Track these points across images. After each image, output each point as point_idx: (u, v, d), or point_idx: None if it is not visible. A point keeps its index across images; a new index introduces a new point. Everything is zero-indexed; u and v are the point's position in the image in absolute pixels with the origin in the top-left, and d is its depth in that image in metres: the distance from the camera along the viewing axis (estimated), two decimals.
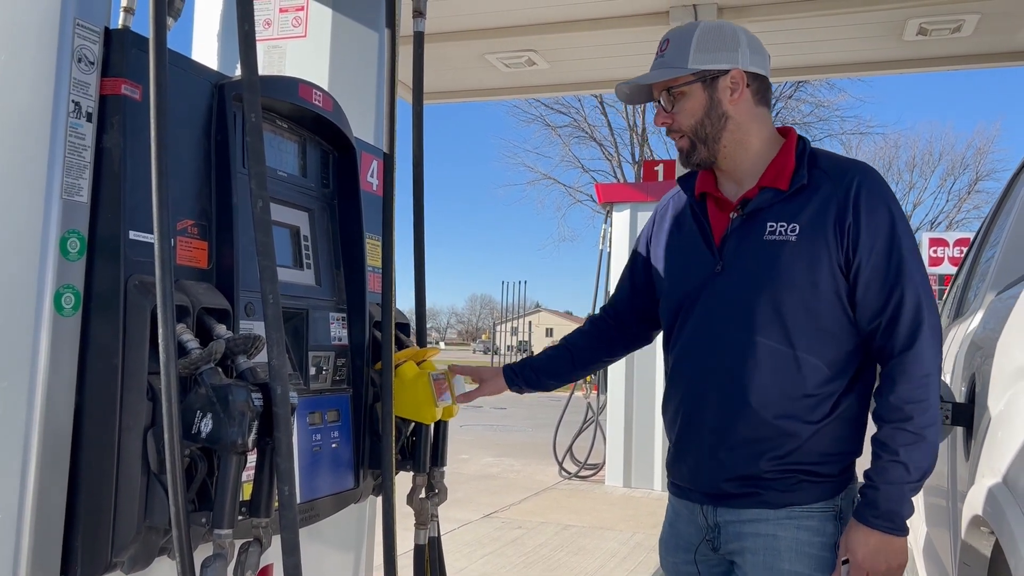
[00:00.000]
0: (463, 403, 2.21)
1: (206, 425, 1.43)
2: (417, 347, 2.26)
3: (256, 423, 1.46)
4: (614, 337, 2.16)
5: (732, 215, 1.81)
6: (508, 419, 15.03)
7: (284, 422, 1.47)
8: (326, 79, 2.40)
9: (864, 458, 1.77)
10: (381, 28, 2.34)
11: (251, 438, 1.44)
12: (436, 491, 2.23)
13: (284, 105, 1.89)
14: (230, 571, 1.47)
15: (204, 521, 1.48)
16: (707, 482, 1.80)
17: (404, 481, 2.17)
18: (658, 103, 1.85)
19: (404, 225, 2.25)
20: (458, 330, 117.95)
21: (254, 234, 1.51)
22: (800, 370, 1.72)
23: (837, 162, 1.79)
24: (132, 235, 1.47)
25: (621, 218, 8.29)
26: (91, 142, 1.45)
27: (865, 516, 1.67)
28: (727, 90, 1.78)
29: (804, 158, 1.78)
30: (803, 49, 6.54)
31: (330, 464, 1.95)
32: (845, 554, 1.70)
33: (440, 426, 2.22)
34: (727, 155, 1.81)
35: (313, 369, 1.94)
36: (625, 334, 2.16)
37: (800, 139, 1.83)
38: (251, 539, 1.52)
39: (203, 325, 1.56)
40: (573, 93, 16.24)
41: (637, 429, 8.07)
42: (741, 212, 1.79)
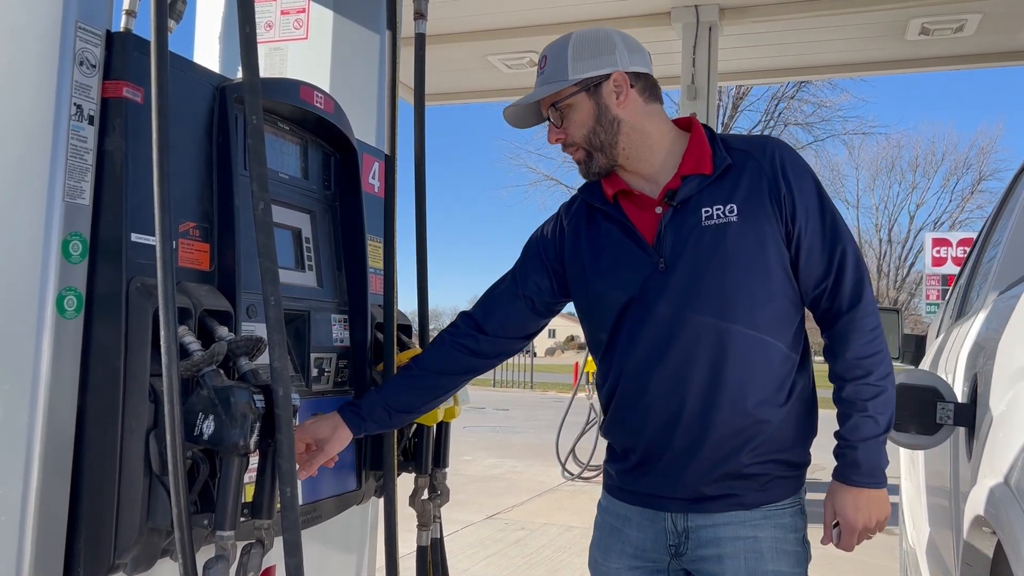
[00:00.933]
0: (302, 478, 1.83)
1: (208, 427, 1.43)
2: (419, 348, 2.26)
3: (258, 425, 1.46)
4: (473, 364, 1.96)
5: (658, 210, 1.77)
6: (510, 420, 15.02)
7: (286, 424, 1.47)
8: (327, 81, 2.41)
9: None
10: (382, 30, 2.34)
11: (253, 440, 1.45)
12: (438, 492, 2.23)
13: (285, 107, 1.89)
14: (232, 573, 1.48)
15: (206, 523, 1.49)
16: (684, 486, 1.75)
17: (406, 482, 2.18)
18: (548, 120, 1.83)
19: (406, 226, 2.26)
20: None
21: (256, 236, 1.51)
22: (766, 351, 1.72)
23: (750, 139, 1.82)
24: (134, 237, 1.48)
25: None
26: (93, 145, 1.45)
27: (849, 476, 1.69)
28: (612, 94, 1.76)
29: (717, 141, 1.79)
30: (805, 49, 6.54)
31: (332, 466, 1.95)
32: (834, 517, 1.72)
33: (442, 427, 2.22)
34: (629, 156, 1.79)
35: (315, 371, 1.95)
36: (489, 352, 1.96)
37: (704, 126, 1.84)
38: (253, 541, 1.53)
39: (205, 327, 1.56)
40: None
41: None
42: (670, 204, 1.76)
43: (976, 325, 2.33)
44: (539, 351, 56.88)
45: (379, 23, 2.39)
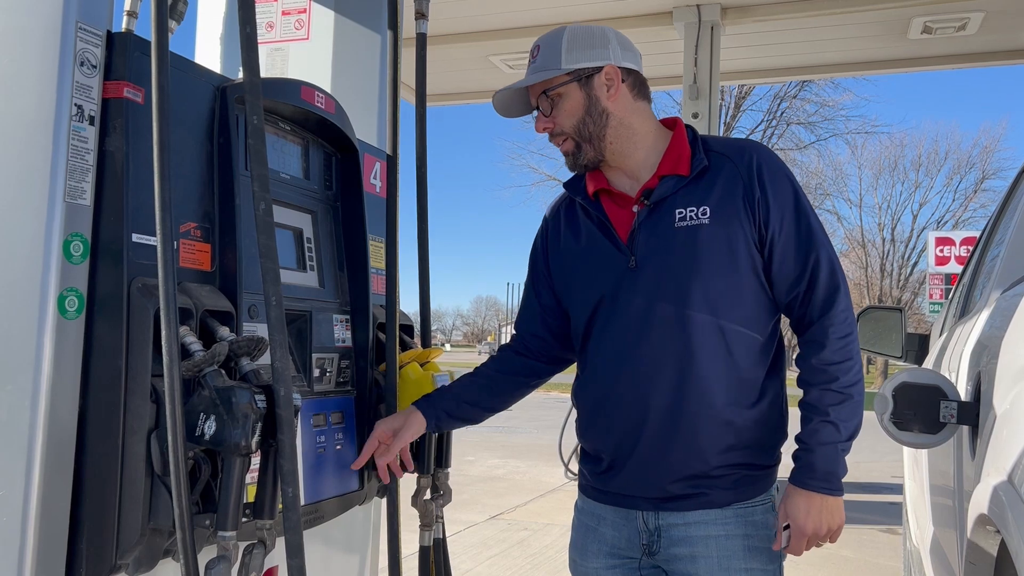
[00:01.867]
0: (383, 465, 1.97)
1: (210, 427, 1.43)
2: (421, 348, 2.26)
3: (259, 425, 1.46)
4: (531, 366, 2.03)
5: (635, 208, 1.79)
6: (513, 420, 15.02)
7: (287, 424, 1.47)
8: (329, 81, 2.41)
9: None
10: (383, 30, 2.35)
11: (254, 440, 1.45)
12: (441, 493, 2.23)
13: (287, 107, 1.89)
14: (234, 573, 1.47)
15: (208, 523, 1.49)
16: (652, 486, 1.75)
17: (409, 483, 2.18)
18: (537, 109, 1.84)
19: (407, 226, 2.26)
20: (464, 332, 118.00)
21: (257, 236, 1.52)
22: (732, 354, 1.72)
23: (730, 143, 1.82)
24: (135, 238, 1.48)
25: None
26: (94, 145, 1.45)
27: (803, 480, 1.69)
28: (603, 87, 1.78)
29: (697, 143, 1.79)
30: (807, 48, 6.54)
31: (334, 466, 1.95)
32: (785, 520, 1.71)
33: None
34: (615, 151, 1.80)
35: (317, 371, 1.94)
36: (542, 359, 2.03)
37: (688, 127, 1.84)
38: (255, 541, 1.52)
39: (206, 327, 1.56)
40: None
41: None
42: (646, 203, 1.77)
43: (979, 324, 2.33)
44: None
45: (380, 23, 2.39)
